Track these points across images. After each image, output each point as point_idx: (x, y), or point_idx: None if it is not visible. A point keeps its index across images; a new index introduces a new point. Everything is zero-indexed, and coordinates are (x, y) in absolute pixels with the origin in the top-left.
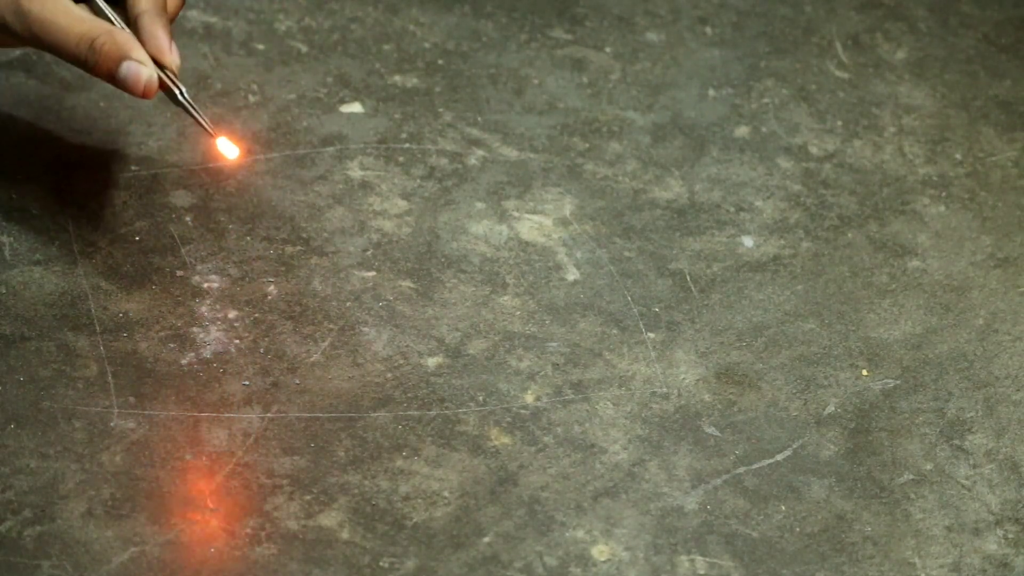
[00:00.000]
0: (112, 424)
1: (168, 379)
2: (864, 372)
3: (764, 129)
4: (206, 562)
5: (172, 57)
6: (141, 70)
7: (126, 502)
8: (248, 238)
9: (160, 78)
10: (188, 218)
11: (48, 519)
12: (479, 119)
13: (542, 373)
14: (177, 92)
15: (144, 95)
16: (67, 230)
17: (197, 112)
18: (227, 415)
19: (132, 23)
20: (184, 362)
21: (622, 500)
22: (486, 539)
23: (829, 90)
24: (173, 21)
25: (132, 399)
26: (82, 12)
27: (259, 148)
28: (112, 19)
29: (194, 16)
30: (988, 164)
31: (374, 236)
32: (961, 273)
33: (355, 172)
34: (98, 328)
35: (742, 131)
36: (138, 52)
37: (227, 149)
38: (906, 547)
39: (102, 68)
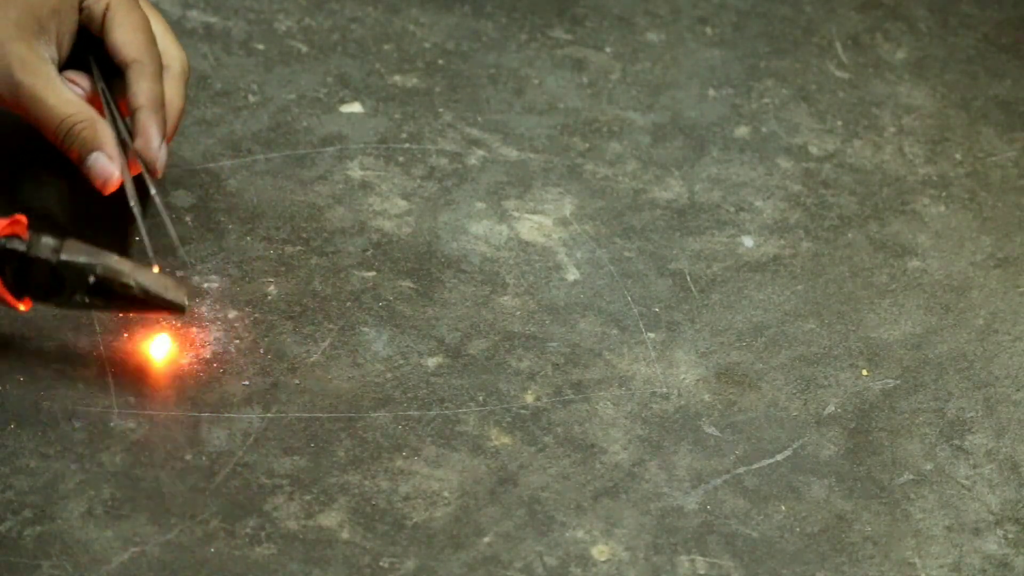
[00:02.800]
0: (112, 424)
1: (168, 379)
2: (864, 372)
3: (764, 129)
4: (206, 562)
5: (158, 156)
6: (107, 166)
7: (126, 502)
8: (248, 238)
9: (127, 179)
10: (188, 218)
11: (48, 519)
12: (479, 119)
13: (542, 373)
14: (151, 189)
15: (101, 190)
16: (67, 230)
17: (167, 221)
18: (227, 415)
19: (130, 115)
20: (184, 362)
21: (622, 500)
22: (486, 539)
23: (829, 90)
24: (176, 126)
25: (132, 399)
26: (70, 94)
27: (259, 148)
28: (107, 104)
29: (194, 16)
30: (988, 164)
31: (374, 236)
32: (961, 273)
33: (355, 172)
34: (98, 328)
35: (742, 131)
36: (111, 148)
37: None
38: (906, 547)
39: (73, 153)
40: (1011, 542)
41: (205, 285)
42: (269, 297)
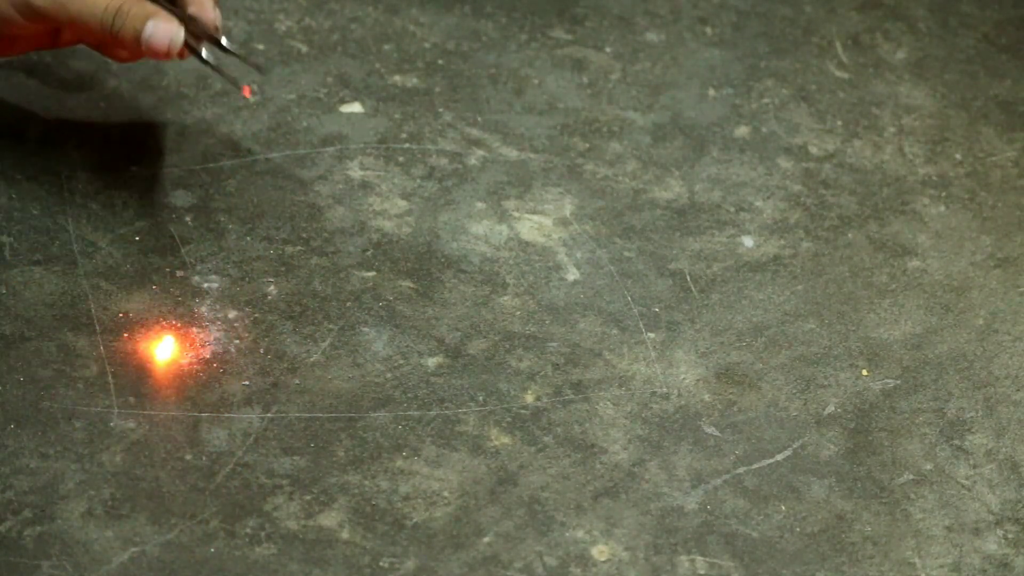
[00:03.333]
0: (112, 424)
1: (168, 379)
2: (864, 372)
3: (764, 129)
4: (206, 562)
5: (216, 15)
6: (167, 27)
7: (126, 502)
8: (248, 238)
9: (187, 41)
10: (188, 218)
11: (48, 519)
12: (479, 119)
13: (542, 373)
14: (221, 40)
15: (168, 54)
16: (67, 230)
17: (242, 58)
18: (227, 415)
19: None
20: (184, 362)
21: (622, 500)
22: (486, 539)
23: (829, 90)
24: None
25: (132, 399)
26: None
27: (259, 148)
28: None
29: None
30: (988, 164)
31: (374, 236)
32: (961, 273)
33: (355, 172)
34: (98, 328)
35: (742, 131)
36: (164, 13)
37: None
38: (906, 547)
39: (128, 31)
40: (1011, 542)
41: (205, 285)
42: (269, 297)
